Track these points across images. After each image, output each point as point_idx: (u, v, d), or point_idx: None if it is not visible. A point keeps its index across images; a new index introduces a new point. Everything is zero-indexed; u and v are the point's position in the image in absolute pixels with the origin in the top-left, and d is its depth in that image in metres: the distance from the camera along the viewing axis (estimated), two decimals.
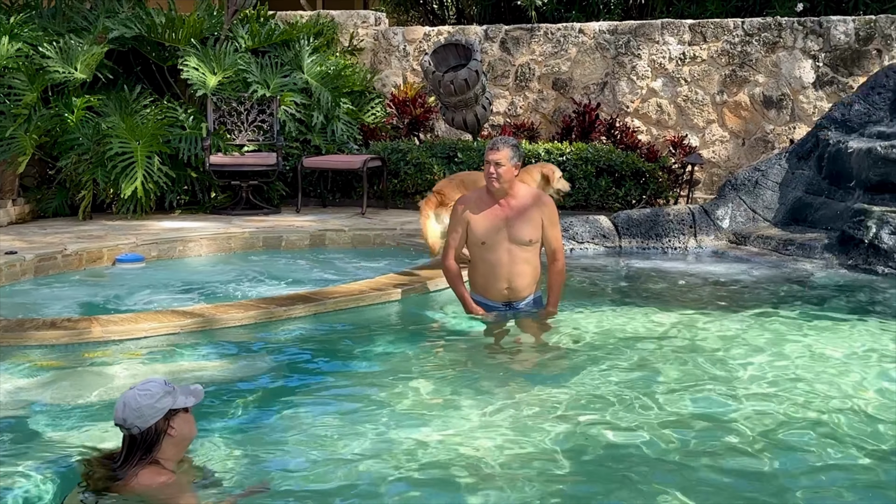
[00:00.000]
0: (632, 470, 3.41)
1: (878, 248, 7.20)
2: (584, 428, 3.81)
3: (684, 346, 5.06)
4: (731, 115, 10.85)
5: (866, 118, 8.75)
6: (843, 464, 3.47)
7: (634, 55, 11.14)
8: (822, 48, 10.37)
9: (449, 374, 4.62)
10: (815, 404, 4.10)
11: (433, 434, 3.76)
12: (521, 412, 4.01)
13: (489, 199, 5.41)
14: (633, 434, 3.74)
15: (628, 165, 9.89)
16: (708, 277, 7.19)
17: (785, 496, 3.20)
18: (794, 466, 3.45)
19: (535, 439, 3.69)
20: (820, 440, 3.69)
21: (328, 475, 3.39)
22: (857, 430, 3.78)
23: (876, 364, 4.74)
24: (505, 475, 3.37)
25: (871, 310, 6.04)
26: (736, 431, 3.77)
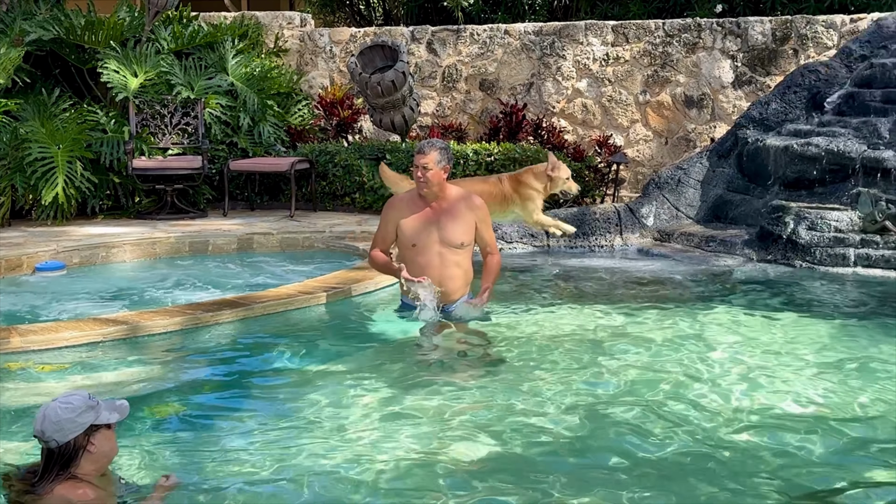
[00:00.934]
0: (562, 464, 3.46)
1: (796, 244, 7.42)
2: (512, 425, 3.85)
3: (612, 343, 5.14)
4: (654, 114, 11.06)
5: (783, 116, 9.00)
6: (765, 451, 3.57)
7: (559, 56, 11.27)
8: (741, 48, 10.64)
9: (379, 376, 4.61)
10: (738, 395, 4.20)
11: (363, 437, 3.76)
12: (452, 412, 4.03)
13: (420, 202, 5.41)
14: (563, 429, 3.79)
15: None
16: (634, 275, 7.31)
17: (707, 488, 3.28)
18: (720, 456, 3.53)
19: (465, 437, 3.72)
20: (739, 429, 3.78)
21: (257, 481, 3.37)
22: (775, 419, 3.89)
23: (794, 355, 4.89)
24: (433, 473, 3.38)
25: (789, 303, 6.22)
26: (661, 423, 3.85)
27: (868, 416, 3.92)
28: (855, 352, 4.92)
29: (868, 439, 3.69)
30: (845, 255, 7.22)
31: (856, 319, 5.65)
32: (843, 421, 3.86)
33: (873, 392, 4.21)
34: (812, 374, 4.54)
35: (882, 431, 3.76)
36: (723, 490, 3.22)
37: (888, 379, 4.41)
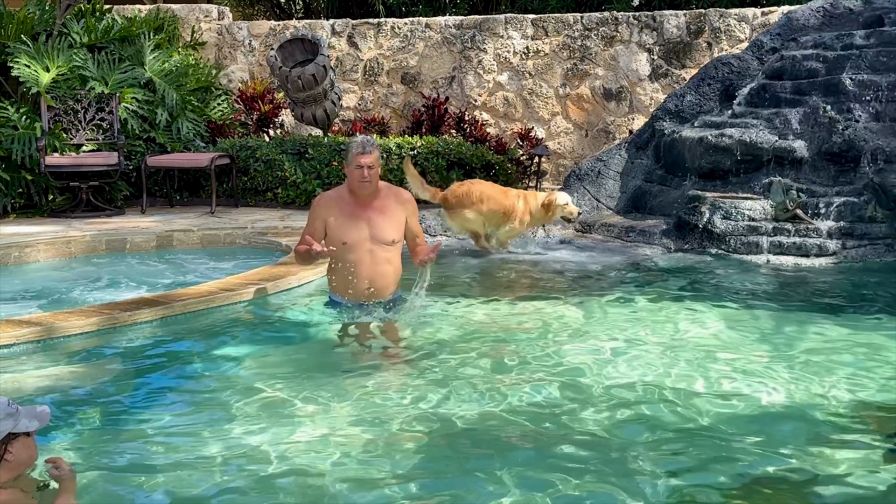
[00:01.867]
0: (486, 455, 3.49)
1: (712, 233, 7.60)
2: (440, 419, 3.87)
3: (536, 334, 5.20)
4: (574, 107, 11.21)
5: (698, 108, 9.21)
6: (687, 437, 3.65)
7: (480, 49, 11.34)
8: (657, 42, 10.85)
9: (302, 373, 4.58)
10: (656, 381, 4.29)
11: (288, 434, 3.74)
12: (376, 407, 4.03)
13: (351, 200, 5.33)
14: (489, 421, 3.83)
15: (478, 158, 10.06)
16: (557, 266, 7.40)
17: (631, 472, 3.34)
18: (639, 440, 3.60)
19: (392, 432, 3.72)
20: (661, 415, 3.87)
21: (180, 481, 3.32)
22: (690, 404, 3.99)
23: (709, 341, 5.01)
24: (361, 469, 3.38)
25: (706, 291, 6.36)
26: (584, 412, 3.90)
27: (780, 401, 4.04)
28: (768, 337, 5.07)
29: (781, 422, 3.80)
30: (758, 243, 7.43)
31: (768, 306, 5.82)
32: (757, 404, 3.97)
33: (786, 376, 4.35)
34: (727, 359, 4.66)
35: (794, 415, 3.88)
36: (640, 475, 3.28)
37: (800, 363, 4.55)
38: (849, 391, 4.09)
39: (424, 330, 5.27)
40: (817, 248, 7.31)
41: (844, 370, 4.40)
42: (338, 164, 9.89)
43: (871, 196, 7.52)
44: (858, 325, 5.25)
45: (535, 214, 7.64)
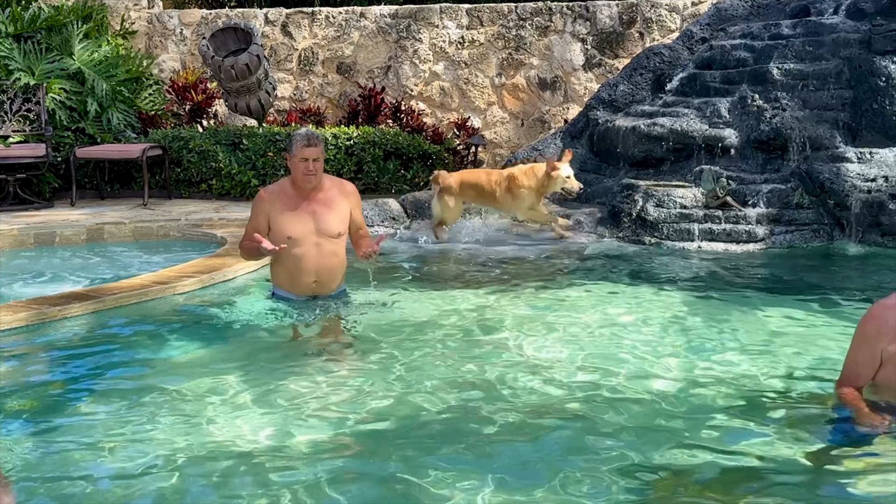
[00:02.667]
0: (428, 445, 3.50)
1: (645, 220, 7.72)
2: (375, 410, 3.87)
3: (474, 323, 5.22)
4: (509, 96, 11.27)
5: (631, 98, 9.34)
6: (620, 420, 3.71)
7: (416, 39, 11.32)
8: (590, 31, 10.96)
9: (241, 367, 4.53)
10: (593, 368, 4.36)
11: (225, 430, 3.70)
12: (313, 399, 4.02)
13: (295, 193, 5.24)
14: (428, 413, 3.84)
15: (415, 148, 10.06)
16: (494, 255, 7.44)
17: (569, 458, 3.38)
18: (577, 427, 3.65)
19: (335, 423, 3.71)
20: (596, 402, 3.93)
21: (114, 478, 3.27)
22: (628, 390, 4.06)
23: (643, 328, 5.10)
24: (303, 462, 3.37)
25: (639, 278, 6.46)
26: (522, 400, 3.94)
27: (712, 384, 4.14)
28: (698, 323, 5.17)
29: (710, 405, 3.88)
30: (690, 231, 7.57)
31: (700, 292, 5.93)
32: (689, 389, 4.06)
33: (715, 361, 4.44)
34: (661, 345, 4.74)
35: (722, 398, 3.97)
36: (578, 459, 3.33)
37: (730, 348, 4.65)
38: (776, 373, 4.19)
39: (365, 323, 5.25)
40: (746, 234, 7.48)
41: (772, 353, 4.52)
42: (274, 155, 9.80)
43: (798, 183, 7.71)
44: (786, 309, 5.39)
45: (525, 184, 7.68)
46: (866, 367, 3.39)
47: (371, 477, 3.23)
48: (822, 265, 6.87)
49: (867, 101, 7.93)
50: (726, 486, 3.07)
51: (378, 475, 3.24)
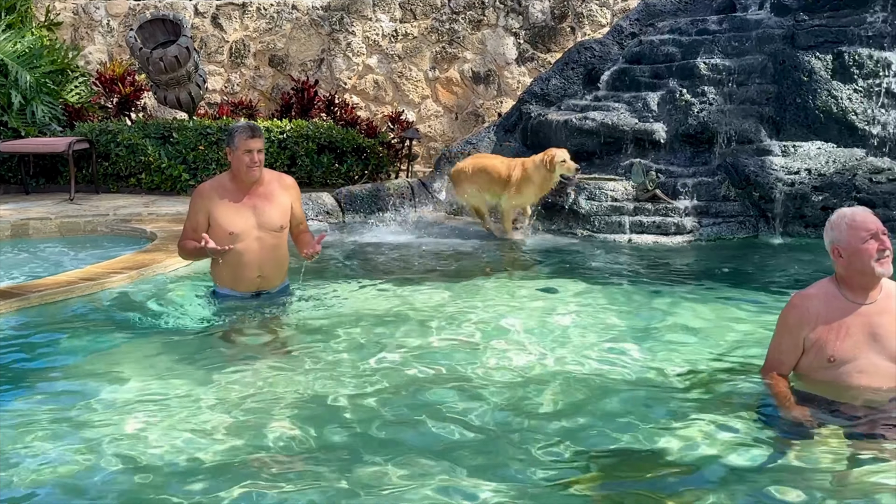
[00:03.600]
0: (363, 437, 3.50)
1: (577, 213, 7.82)
2: (312, 406, 3.85)
3: (410, 316, 5.22)
4: (443, 90, 11.29)
5: (563, 92, 9.43)
6: (554, 412, 3.76)
7: (349, 32, 11.27)
8: (523, 26, 11.03)
9: (172, 364, 4.46)
10: (524, 361, 4.40)
11: (155, 427, 3.65)
12: (249, 396, 3.98)
13: (235, 188, 5.14)
14: (370, 403, 3.84)
15: (349, 142, 10.02)
16: (429, 248, 7.46)
17: (501, 451, 3.42)
18: (511, 420, 3.69)
19: (262, 422, 3.69)
20: (530, 393, 3.97)
21: (38, 475, 3.20)
22: (561, 382, 4.11)
23: (576, 320, 5.16)
24: (240, 456, 3.34)
25: (571, 270, 6.54)
26: (461, 392, 3.96)
27: (640, 373, 4.21)
28: (629, 314, 5.26)
29: (642, 395, 3.95)
30: (621, 223, 7.69)
31: (629, 284, 6.04)
32: (616, 379, 4.13)
33: (644, 350, 4.53)
34: (591, 337, 4.81)
35: (653, 388, 4.05)
36: (509, 453, 3.36)
37: (660, 338, 4.74)
38: (704, 362, 4.29)
39: (301, 318, 5.21)
40: (675, 226, 7.63)
41: (699, 343, 4.62)
42: (205, 149, 9.66)
43: (724, 176, 7.88)
44: (712, 299, 5.51)
45: (533, 177, 7.54)
46: (789, 355, 3.50)
47: (311, 473, 3.22)
48: (748, 256, 7.04)
49: (791, 96, 8.14)
50: (656, 475, 3.13)
51: (318, 470, 3.23)
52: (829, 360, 3.41)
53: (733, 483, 3.04)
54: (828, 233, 3.51)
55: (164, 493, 3.09)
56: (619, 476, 3.12)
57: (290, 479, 3.15)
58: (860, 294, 3.44)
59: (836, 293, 3.47)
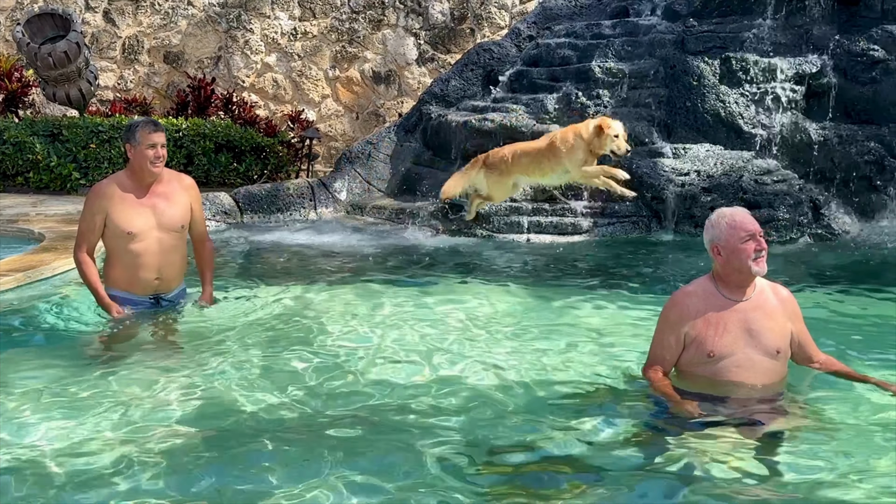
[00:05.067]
0: (268, 441, 3.47)
1: (477, 214, 7.90)
2: (209, 409, 3.80)
3: (309, 318, 5.18)
4: (343, 90, 11.25)
5: (462, 93, 9.52)
6: (452, 410, 3.79)
7: (246, 29, 11.12)
8: (423, 26, 11.08)
9: (61, 370, 4.32)
10: (422, 361, 4.43)
11: (44, 434, 3.54)
12: (144, 401, 3.90)
13: (133, 186, 4.97)
14: (265, 406, 3.80)
15: (248, 141, 9.89)
16: (328, 249, 7.43)
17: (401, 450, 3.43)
18: (403, 419, 3.71)
19: (167, 424, 3.62)
20: (429, 393, 4.00)
21: None
22: (461, 382, 4.14)
23: (476, 319, 5.22)
24: (133, 461, 3.27)
25: (472, 271, 6.61)
26: (361, 394, 3.95)
27: (536, 372, 4.29)
28: (525, 314, 5.34)
29: (537, 395, 4.02)
30: (520, 223, 7.81)
31: (527, 283, 6.13)
32: (512, 378, 4.18)
33: (539, 350, 4.61)
34: (487, 336, 4.87)
35: (548, 386, 4.13)
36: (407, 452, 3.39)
37: (553, 338, 4.83)
38: (596, 359, 4.39)
39: (197, 322, 5.11)
40: (572, 226, 7.79)
41: (591, 341, 4.72)
42: (96, 147, 9.40)
43: None
44: (605, 298, 5.65)
45: (574, 142, 6.93)
46: (671, 351, 3.62)
47: (205, 477, 3.18)
48: (641, 255, 7.24)
49: (681, 100, 8.41)
50: (547, 470, 3.20)
51: (209, 476, 3.19)
52: (709, 356, 3.55)
53: (624, 478, 3.13)
54: (708, 231, 3.65)
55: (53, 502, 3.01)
56: (508, 472, 3.17)
57: (181, 483, 3.10)
58: (737, 291, 3.59)
59: (714, 291, 3.61)
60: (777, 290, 3.72)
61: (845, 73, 8.35)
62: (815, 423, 3.50)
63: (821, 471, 3.10)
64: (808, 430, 3.43)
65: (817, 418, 3.54)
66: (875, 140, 8.24)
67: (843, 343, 4.46)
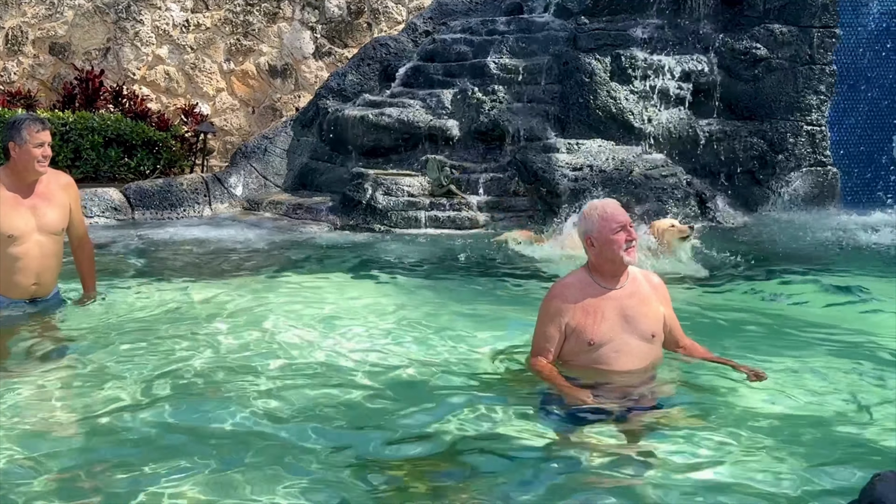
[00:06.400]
0: (148, 438, 3.41)
1: (375, 209, 7.92)
2: (104, 408, 3.71)
3: (205, 315, 5.09)
4: (239, 83, 11.08)
5: (359, 88, 9.50)
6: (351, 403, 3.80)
7: (137, 21, 10.83)
8: (319, 20, 11.00)
9: None
10: (318, 355, 4.42)
11: None
12: (28, 404, 3.79)
13: (14, 185, 4.71)
14: (153, 406, 3.74)
15: (139, 135, 9.64)
16: (224, 245, 7.33)
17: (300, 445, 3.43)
18: (299, 416, 3.70)
19: (50, 430, 3.52)
20: (335, 386, 4.00)
21: None
22: (362, 375, 4.16)
23: (375, 313, 5.23)
24: (14, 468, 3.18)
25: (371, 265, 6.61)
26: (257, 390, 3.91)
27: (430, 365, 4.34)
28: (420, 308, 5.38)
29: (443, 385, 4.07)
30: (418, 218, 7.86)
31: (422, 278, 6.18)
32: (413, 374, 4.22)
33: (436, 344, 4.66)
34: (384, 329, 4.90)
35: (446, 379, 4.17)
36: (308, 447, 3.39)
37: (447, 331, 4.87)
38: (490, 351, 4.46)
39: (81, 322, 4.97)
40: (469, 220, 7.88)
41: (484, 332, 4.78)
42: None
43: (514, 172, 8.22)
44: (501, 289, 5.75)
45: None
46: (553, 342, 3.72)
47: (85, 477, 3.11)
48: (536, 248, 7.37)
49: (574, 96, 8.59)
50: (446, 464, 3.25)
51: (90, 477, 3.13)
52: (590, 344, 3.66)
53: (515, 466, 3.20)
54: (581, 223, 3.76)
55: None
56: (400, 465, 3.21)
57: (64, 491, 3.04)
58: (611, 280, 3.72)
59: (589, 281, 3.73)
60: (649, 277, 3.87)
61: (729, 70, 8.67)
62: (690, 404, 3.65)
63: (698, 447, 3.24)
64: (684, 412, 3.58)
65: (691, 399, 3.69)
66: (757, 136, 8.60)
67: (706, 331, 4.66)
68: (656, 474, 3.08)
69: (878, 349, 4.51)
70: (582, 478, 3.07)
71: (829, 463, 3.12)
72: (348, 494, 2.97)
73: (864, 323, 5.09)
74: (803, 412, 3.56)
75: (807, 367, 4.11)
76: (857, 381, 3.96)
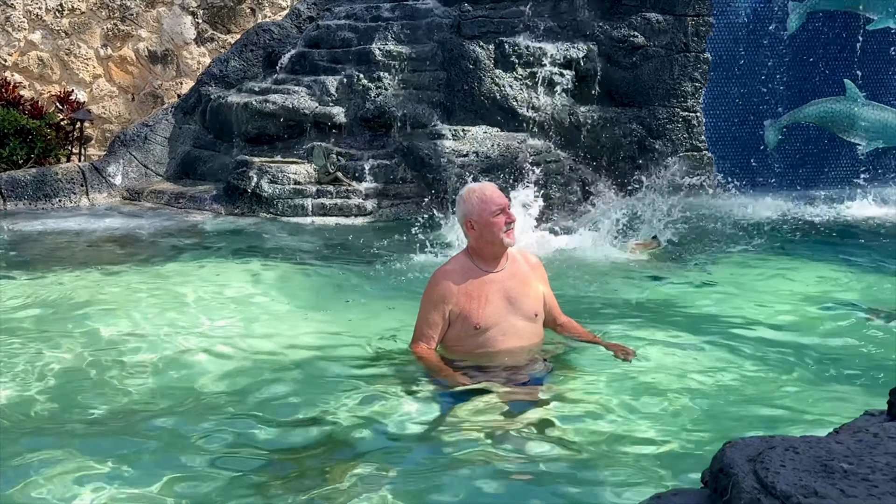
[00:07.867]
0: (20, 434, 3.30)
1: (260, 197, 7.82)
2: None
3: (84, 306, 4.95)
4: (117, 69, 10.75)
5: (243, 74, 9.35)
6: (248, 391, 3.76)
7: (7, 5, 10.37)
8: (201, 5, 10.76)
9: None
10: (203, 345, 4.34)
11: None
12: None
13: None
14: (23, 400, 3.62)
15: (11, 123, 9.24)
16: (103, 235, 7.13)
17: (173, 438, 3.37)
18: (174, 407, 3.64)
19: None
20: (223, 374, 3.94)
21: None
22: (255, 361, 4.11)
23: (262, 302, 5.17)
24: None
25: (256, 254, 6.51)
26: (147, 380, 3.83)
27: (313, 353, 4.33)
28: (309, 294, 5.36)
29: (315, 374, 4.06)
30: (304, 206, 7.80)
31: (311, 265, 6.14)
32: (294, 360, 4.20)
33: (316, 329, 4.64)
34: (267, 317, 4.85)
35: (327, 365, 4.16)
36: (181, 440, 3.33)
37: (328, 319, 4.85)
38: (374, 338, 4.48)
39: None
40: (356, 208, 7.86)
41: (368, 319, 4.80)
42: None
43: (401, 159, 8.24)
44: (384, 277, 5.75)
45: None
46: (436, 328, 3.74)
47: None
48: (424, 235, 7.41)
49: (459, 83, 8.66)
50: (325, 452, 3.25)
51: None
52: (475, 328, 3.70)
53: (398, 450, 3.23)
54: (460, 207, 3.79)
55: None
56: (285, 454, 3.20)
57: None
58: (492, 263, 3.77)
59: (471, 265, 3.76)
60: (527, 257, 3.95)
61: (609, 58, 8.87)
62: (569, 378, 3.75)
63: (584, 422, 3.33)
64: (571, 388, 3.67)
65: (574, 377, 3.79)
66: (636, 122, 8.83)
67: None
68: (540, 445, 3.16)
69: (732, 327, 4.72)
70: (467, 455, 3.12)
71: (695, 430, 3.26)
72: (232, 485, 2.93)
73: (717, 303, 5.31)
74: (674, 385, 3.70)
75: (675, 344, 4.27)
76: (719, 356, 4.14)
